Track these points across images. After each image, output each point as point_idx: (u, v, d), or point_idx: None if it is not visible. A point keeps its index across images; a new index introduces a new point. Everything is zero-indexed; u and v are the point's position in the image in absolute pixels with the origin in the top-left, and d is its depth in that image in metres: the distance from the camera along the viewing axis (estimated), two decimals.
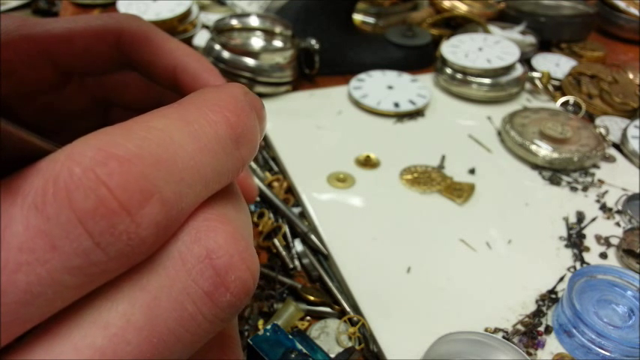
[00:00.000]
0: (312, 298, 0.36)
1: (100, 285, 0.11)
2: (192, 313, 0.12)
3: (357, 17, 0.75)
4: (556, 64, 0.67)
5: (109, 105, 0.36)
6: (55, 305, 0.10)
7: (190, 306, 0.11)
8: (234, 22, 0.61)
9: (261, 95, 0.57)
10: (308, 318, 0.35)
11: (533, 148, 0.49)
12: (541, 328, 0.34)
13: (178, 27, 0.66)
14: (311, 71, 0.61)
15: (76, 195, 0.10)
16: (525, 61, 0.64)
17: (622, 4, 0.78)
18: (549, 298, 0.36)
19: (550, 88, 0.61)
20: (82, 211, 0.10)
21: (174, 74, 0.28)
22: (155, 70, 0.29)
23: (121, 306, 0.11)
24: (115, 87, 0.33)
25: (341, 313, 0.35)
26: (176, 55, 0.28)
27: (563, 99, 0.60)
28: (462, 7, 0.74)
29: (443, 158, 0.49)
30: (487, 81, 0.58)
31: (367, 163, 0.48)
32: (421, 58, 0.66)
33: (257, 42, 0.61)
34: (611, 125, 0.56)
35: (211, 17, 0.70)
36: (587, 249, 0.41)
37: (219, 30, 0.59)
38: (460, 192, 0.45)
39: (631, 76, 0.63)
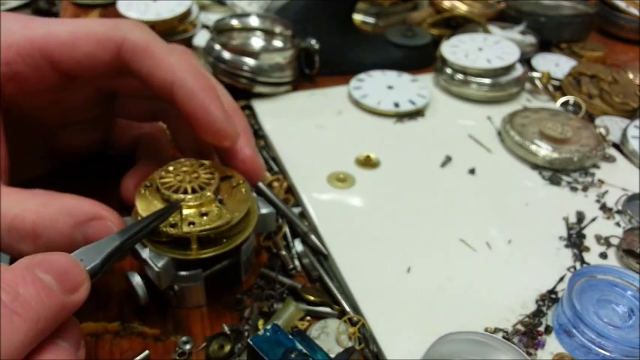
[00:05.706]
0: (312, 298, 0.36)
1: None
2: None
3: (357, 17, 0.75)
4: (556, 64, 0.67)
5: (114, 96, 0.35)
6: None
7: None
8: (234, 22, 0.61)
9: (261, 95, 0.57)
10: (308, 318, 0.35)
11: (533, 148, 0.49)
12: (541, 328, 0.34)
13: (178, 27, 0.66)
14: (311, 71, 0.61)
15: None
16: (525, 61, 0.64)
17: (622, 4, 0.78)
18: (549, 298, 0.36)
19: (550, 88, 0.61)
20: None
21: (171, 90, 0.28)
22: (153, 82, 0.28)
23: None
24: (119, 83, 0.33)
25: (341, 313, 0.35)
26: (175, 70, 0.28)
27: (563, 99, 0.60)
28: (462, 7, 0.74)
29: (447, 159, 0.49)
30: (487, 81, 0.58)
31: (367, 163, 0.48)
32: (421, 58, 0.66)
33: (257, 42, 0.61)
34: (611, 125, 0.56)
35: (211, 17, 0.70)
36: (587, 249, 0.41)
37: (219, 30, 0.59)
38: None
39: (631, 76, 0.63)
